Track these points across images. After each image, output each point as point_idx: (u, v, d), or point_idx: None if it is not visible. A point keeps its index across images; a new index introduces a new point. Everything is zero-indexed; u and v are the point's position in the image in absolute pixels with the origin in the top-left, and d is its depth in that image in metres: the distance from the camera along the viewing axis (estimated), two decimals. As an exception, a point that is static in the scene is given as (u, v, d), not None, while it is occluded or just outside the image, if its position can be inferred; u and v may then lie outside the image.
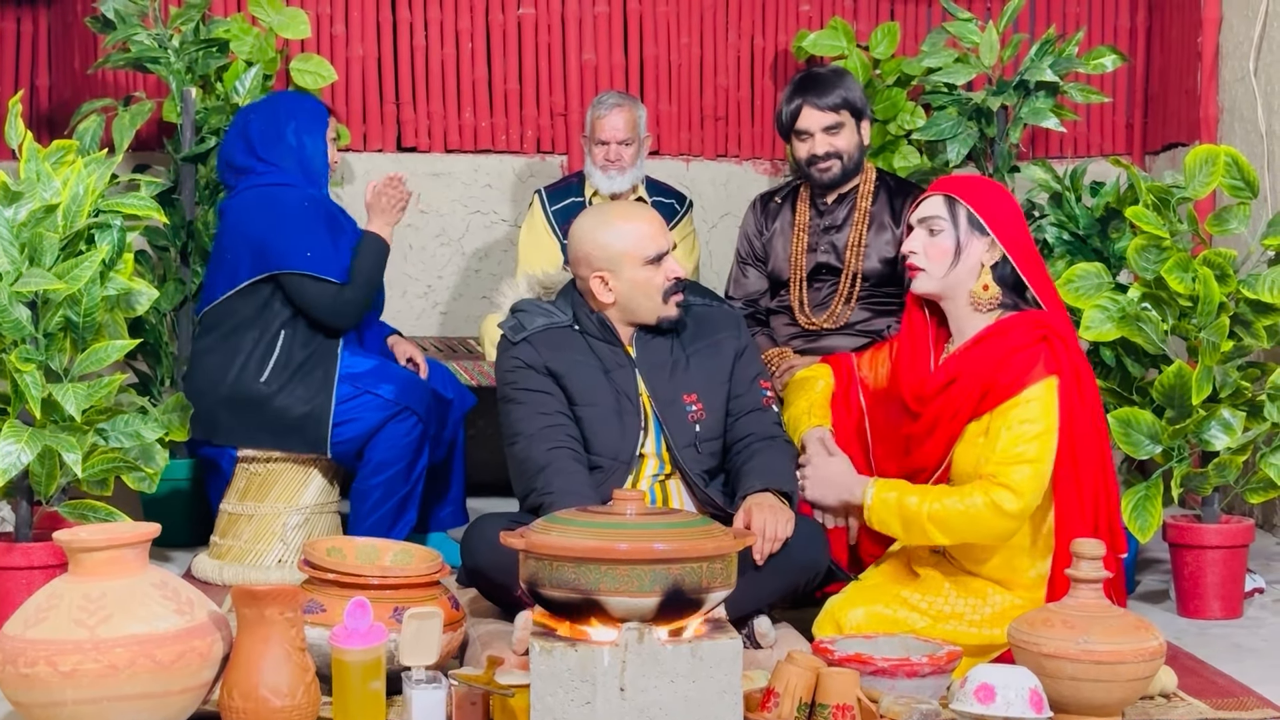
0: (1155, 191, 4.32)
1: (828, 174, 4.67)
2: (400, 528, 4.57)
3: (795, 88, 4.69)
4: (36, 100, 5.88)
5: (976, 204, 3.74)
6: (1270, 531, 5.35)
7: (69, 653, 2.94)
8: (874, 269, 4.67)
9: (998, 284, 3.74)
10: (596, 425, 3.81)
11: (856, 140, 4.68)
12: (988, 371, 3.65)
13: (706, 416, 3.87)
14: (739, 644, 3.01)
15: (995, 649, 3.60)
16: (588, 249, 3.82)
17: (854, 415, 3.96)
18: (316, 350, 4.60)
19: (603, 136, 5.26)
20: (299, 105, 4.77)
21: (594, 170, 5.29)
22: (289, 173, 4.66)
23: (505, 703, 3.11)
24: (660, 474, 3.86)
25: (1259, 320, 4.28)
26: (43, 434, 3.90)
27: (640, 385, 3.85)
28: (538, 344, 3.83)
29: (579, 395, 3.81)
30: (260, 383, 4.55)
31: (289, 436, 4.57)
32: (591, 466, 3.80)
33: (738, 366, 3.93)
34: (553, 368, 3.81)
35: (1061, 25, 6.20)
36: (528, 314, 3.89)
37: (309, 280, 4.54)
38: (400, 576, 3.45)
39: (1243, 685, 3.64)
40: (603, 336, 3.86)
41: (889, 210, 4.70)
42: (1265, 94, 5.33)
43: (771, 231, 4.80)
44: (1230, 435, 4.24)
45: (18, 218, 3.94)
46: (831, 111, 4.63)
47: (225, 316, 4.63)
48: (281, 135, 4.67)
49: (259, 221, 4.58)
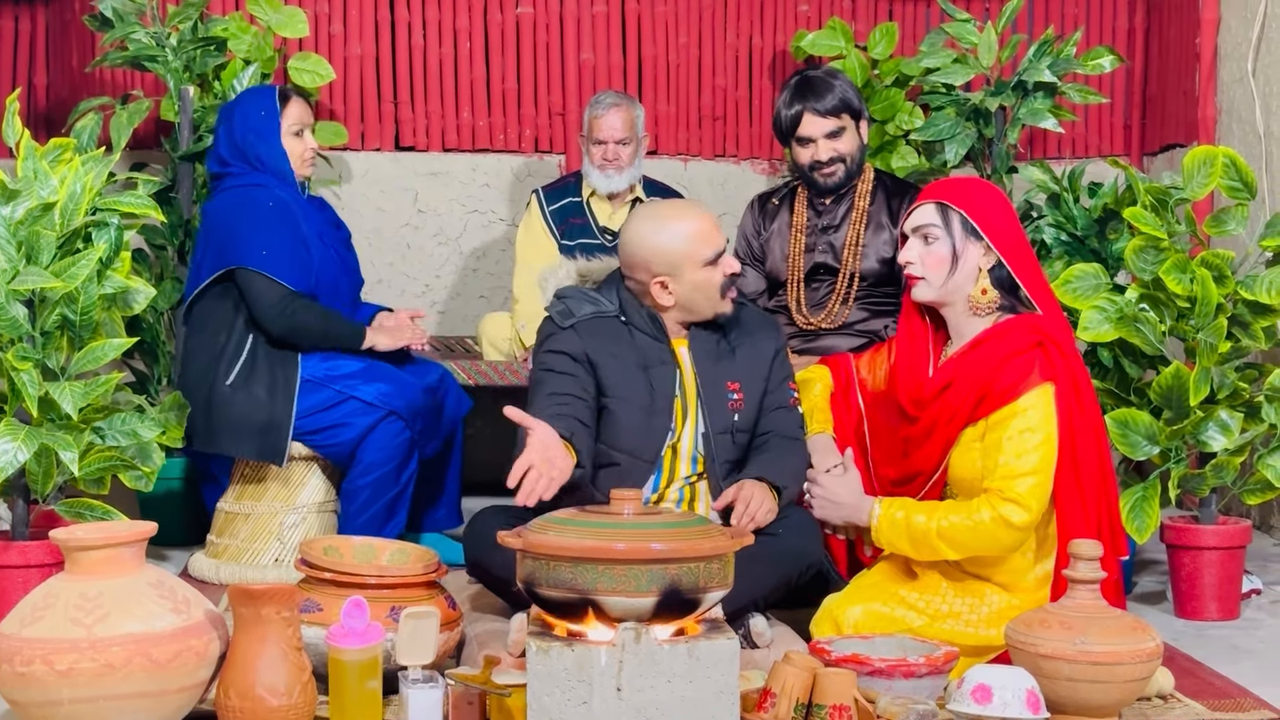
0: (1153, 192, 4.32)
1: (832, 178, 4.67)
2: (390, 529, 4.56)
3: (794, 93, 4.67)
4: (34, 98, 5.88)
5: (970, 209, 3.73)
6: (1268, 533, 5.36)
7: (65, 651, 2.94)
8: (872, 269, 4.67)
9: (997, 286, 3.74)
10: (625, 420, 3.80)
11: (857, 142, 4.68)
12: (983, 377, 3.64)
13: (745, 408, 3.87)
14: (736, 644, 3.01)
15: (993, 649, 3.60)
16: (646, 254, 3.79)
17: (852, 417, 3.96)
18: (280, 356, 4.58)
19: (600, 136, 5.26)
20: (249, 112, 4.70)
21: (591, 170, 5.29)
22: (258, 173, 4.65)
23: (502, 702, 3.11)
24: (691, 476, 3.86)
25: (1257, 321, 4.29)
26: (39, 432, 3.90)
27: (680, 383, 3.84)
28: (583, 332, 3.81)
29: (614, 388, 3.80)
30: (226, 385, 4.55)
31: (245, 442, 4.54)
32: (608, 463, 3.80)
33: (775, 365, 3.94)
34: (594, 357, 3.79)
35: (1060, 26, 6.20)
36: (575, 300, 3.86)
37: (260, 277, 4.53)
38: (397, 576, 3.45)
39: (1240, 686, 3.64)
40: (650, 332, 3.85)
41: (886, 210, 4.70)
42: (1263, 95, 5.33)
43: (769, 232, 4.80)
44: (1228, 436, 4.24)
45: (15, 216, 3.93)
46: (833, 117, 4.63)
47: (205, 317, 4.63)
48: (240, 144, 4.66)
49: (226, 220, 4.59)
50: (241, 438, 4.54)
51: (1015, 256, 3.73)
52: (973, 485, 3.67)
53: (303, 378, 4.56)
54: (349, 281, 4.82)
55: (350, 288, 4.84)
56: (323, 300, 4.63)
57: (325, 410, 4.55)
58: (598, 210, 5.35)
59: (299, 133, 4.71)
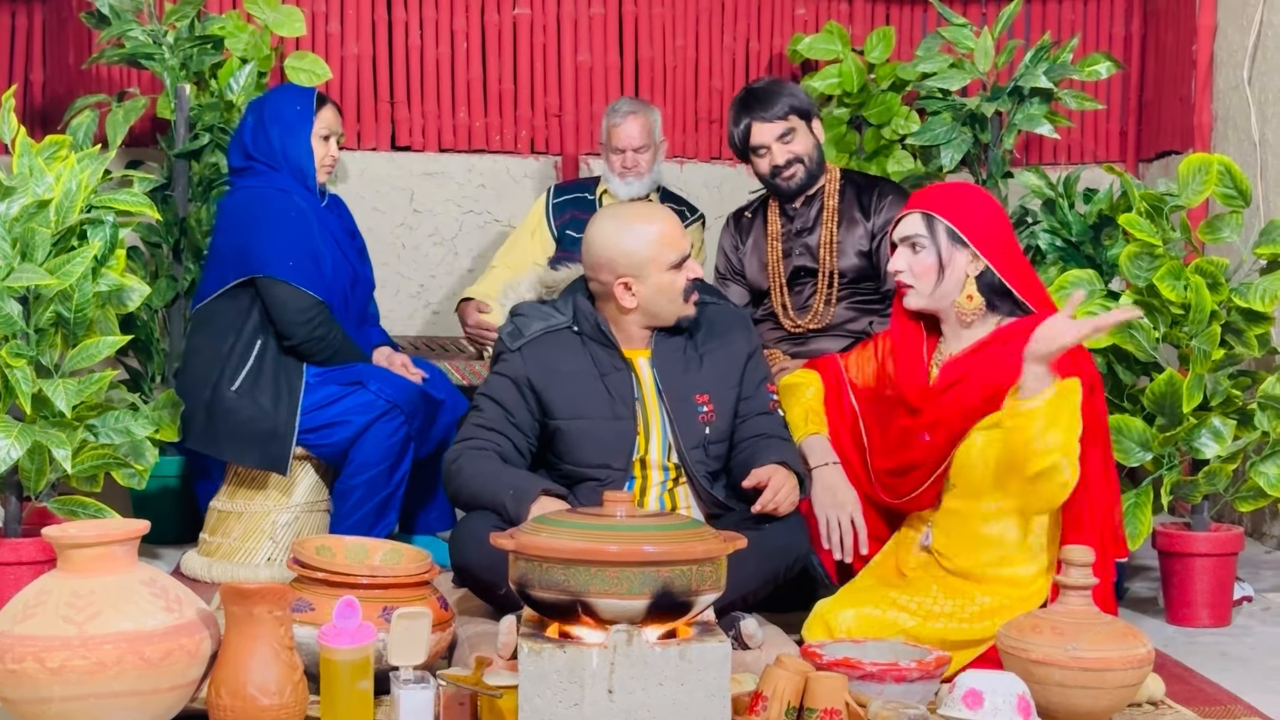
0: (1148, 199, 4.33)
1: (793, 180, 4.70)
2: (380, 529, 4.56)
3: (739, 108, 4.71)
4: (30, 95, 5.87)
5: (954, 217, 3.74)
6: (1259, 540, 5.36)
7: (57, 649, 2.94)
8: (851, 265, 4.70)
9: (985, 292, 3.74)
10: (585, 435, 3.83)
11: (812, 140, 4.71)
12: (998, 373, 3.64)
13: (716, 419, 3.87)
14: (727, 647, 3.01)
15: (985, 642, 3.60)
16: (611, 255, 3.81)
17: (847, 417, 3.97)
18: (286, 364, 4.59)
19: (619, 144, 5.27)
20: (284, 105, 4.72)
21: (612, 177, 5.32)
22: (280, 172, 4.65)
23: (493, 703, 3.11)
24: (667, 481, 3.86)
25: (1250, 329, 4.29)
26: (33, 429, 3.90)
27: (641, 388, 3.85)
28: (528, 354, 3.84)
29: (563, 408, 3.83)
30: (232, 391, 4.55)
31: (249, 451, 4.55)
32: (582, 479, 3.81)
33: (748, 368, 3.95)
34: (536, 383, 3.83)
35: (1056, 32, 6.21)
36: (526, 318, 3.89)
37: (286, 286, 4.53)
38: (389, 576, 3.45)
39: (1230, 693, 3.65)
40: (599, 340, 3.86)
41: (858, 206, 4.73)
42: (1259, 103, 5.34)
43: (747, 246, 4.84)
44: (1220, 443, 4.25)
45: (10, 213, 3.93)
46: (780, 120, 4.66)
47: (212, 317, 4.63)
48: (269, 137, 4.66)
49: (246, 224, 4.58)
50: (245, 446, 4.54)
51: (1004, 261, 3.74)
52: (977, 480, 3.68)
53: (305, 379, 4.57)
54: (359, 294, 4.84)
55: (360, 300, 4.85)
56: (334, 313, 4.64)
57: (323, 408, 4.55)
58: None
59: (326, 138, 4.72)
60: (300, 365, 4.59)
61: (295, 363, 4.59)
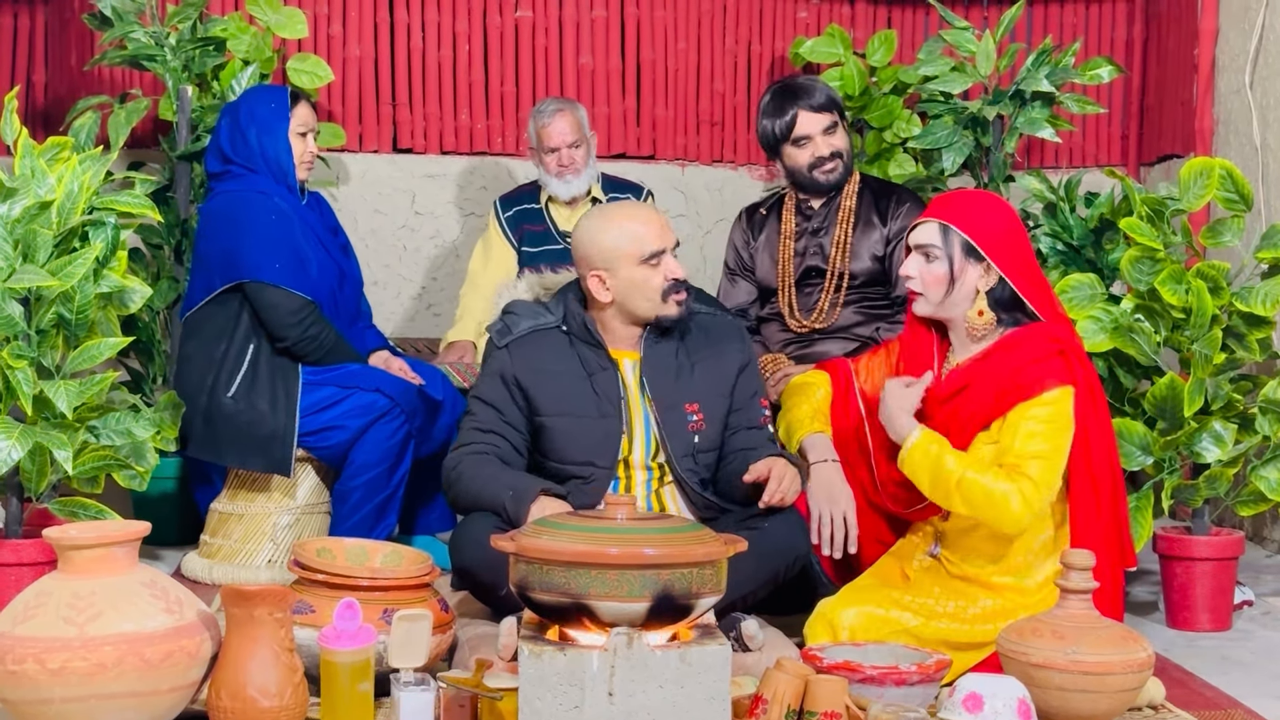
0: (1149, 203, 4.33)
1: (833, 174, 4.70)
2: (379, 530, 4.56)
3: (784, 97, 4.71)
4: (32, 96, 5.88)
5: (972, 230, 3.71)
6: (1260, 544, 5.36)
7: (57, 650, 2.94)
8: (863, 268, 4.70)
9: (996, 306, 3.73)
10: (571, 433, 3.84)
11: (848, 141, 4.73)
12: (1003, 379, 3.64)
13: (706, 428, 3.88)
14: (728, 650, 3.01)
15: (987, 646, 3.60)
16: (586, 248, 3.84)
17: (852, 420, 3.96)
18: (281, 367, 4.59)
19: (552, 144, 5.25)
20: (259, 105, 4.72)
21: (549, 179, 5.28)
22: (258, 174, 4.65)
23: (493, 706, 3.11)
24: (651, 481, 3.87)
25: (1251, 333, 4.29)
26: (34, 431, 3.90)
27: (626, 389, 3.86)
28: (515, 351, 3.86)
29: (548, 405, 3.84)
30: (228, 397, 4.55)
31: (251, 456, 4.55)
32: (568, 477, 3.83)
33: (740, 380, 3.95)
34: (523, 379, 3.85)
35: (1058, 35, 6.21)
36: (516, 316, 3.92)
37: (275, 290, 4.53)
38: (390, 578, 3.45)
39: (1230, 697, 3.65)
40: (585, 338, 3.87)
41: (875, 210, 4.73)
42: (1260, 107, 5.34)
43: (758, 242, 4.83)
44: (1221, 448, 4.25)
45: (12, 214, 3.93)
46: (826, 112, 4.68)
47: (203, 324, 4.63)
48: (246, 138, 4.66)
49: (230, 229, 4.58)
50: (247, 452, 4.55)
51: (1020, 274, 3.71)
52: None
53: (303, 380, 4.57)
54: (348, 291, 4.83)
55: (350, 298, 4.84)
56: (323, 312, 4.63)
57: (322, 410, 4.55)
58: (557, 216, 5.34)
59: (303, 134, 4.72)
60: (296, 366, 4.59)
61: (291, 364, 4.59)
